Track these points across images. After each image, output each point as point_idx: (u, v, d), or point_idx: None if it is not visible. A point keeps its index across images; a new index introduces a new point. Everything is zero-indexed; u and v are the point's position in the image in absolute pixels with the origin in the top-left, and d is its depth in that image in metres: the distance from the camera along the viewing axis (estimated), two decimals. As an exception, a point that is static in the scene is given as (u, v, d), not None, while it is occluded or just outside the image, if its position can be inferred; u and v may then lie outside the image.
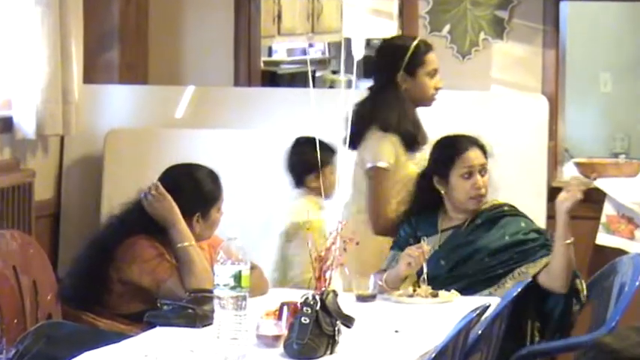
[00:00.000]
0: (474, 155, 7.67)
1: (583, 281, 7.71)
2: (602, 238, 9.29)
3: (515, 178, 8.42)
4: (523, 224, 7.66)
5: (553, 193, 9.17)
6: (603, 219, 9.43)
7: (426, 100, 8.14)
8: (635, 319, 5.29)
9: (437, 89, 8.15)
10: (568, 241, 7.31)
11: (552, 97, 9.37)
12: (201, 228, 7.25)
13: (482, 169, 7.67)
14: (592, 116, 11.24)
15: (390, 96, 8.28)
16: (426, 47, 8.35)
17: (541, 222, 8.67)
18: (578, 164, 9.81)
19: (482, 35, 9.72)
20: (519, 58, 9.26)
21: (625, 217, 9.28)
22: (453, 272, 7.55)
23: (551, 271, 7.45)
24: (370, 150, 8.06)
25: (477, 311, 6.51)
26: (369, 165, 8.07)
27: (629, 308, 7.44)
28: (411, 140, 8.07)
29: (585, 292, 7.69)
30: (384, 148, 7.98)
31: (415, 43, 8.38)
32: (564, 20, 9.87)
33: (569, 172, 9.83)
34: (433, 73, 8.14)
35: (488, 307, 6.74)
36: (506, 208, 7.73)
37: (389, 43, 8.62)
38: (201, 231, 7.26)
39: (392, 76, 8.17)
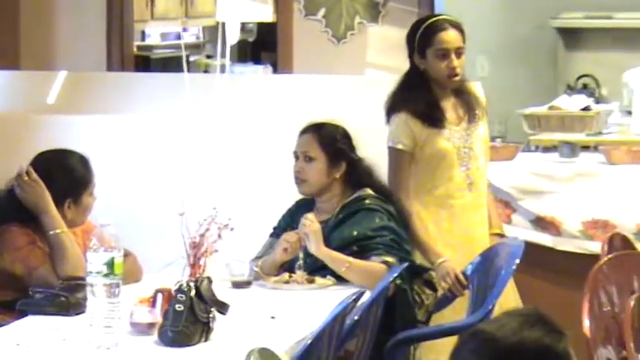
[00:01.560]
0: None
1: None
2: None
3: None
4: (377, 220, 7.60)
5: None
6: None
7: (442, 81, 8.08)
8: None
9: (452, 69, 8.05)
10: (343, 269, 7.31)
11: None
12: (74, 214, 7.22)
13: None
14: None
15: (408, 78, 8.28)
16: (436, 27, 8.18)
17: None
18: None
19: (357, 19, 9.74)
20: (395, 41, 9.29)
21: (502, 201, 9.34)
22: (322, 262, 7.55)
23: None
24: (388, 132, 8.07)
25: (353, 297, 6.55)
26: (387, 145, 8.08)
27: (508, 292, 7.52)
28: (426, 117, 8.03)
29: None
30: (397, 129, 7.96)
31: (428, 22, 8.28)
32: (440, 3, 9.92)
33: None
34: (443, 54, 8.05)
35: (363, 293, 6.79)
36: (367, 201, 7.66)
37: (413, 24, 8.57)
38: (74, 217, 7.22)
39: (411, 58, 8.16)
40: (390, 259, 7.35)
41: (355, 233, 7.50)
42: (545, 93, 10.71)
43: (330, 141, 7.69)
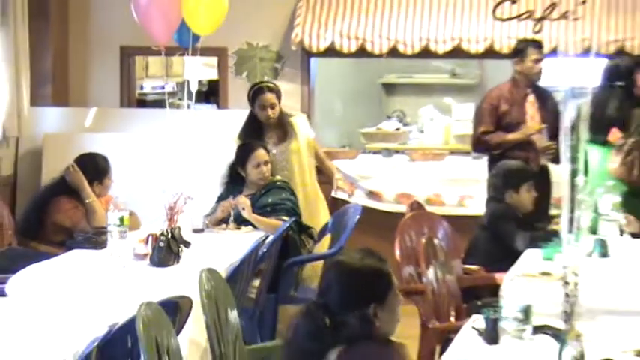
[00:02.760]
0: (261, 154, 7.60)
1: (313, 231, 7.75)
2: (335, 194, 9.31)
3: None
4: (283, 195, 7.54)
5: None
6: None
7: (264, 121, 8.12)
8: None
9: (268, 117, 8.01)
10: (259, 223, 7.31)
11: (307, 114, 9.39)
12: (99, 190, 7.24)
13: (266, 162, 7.58)
14: (333, 125, 11.29)
15: (249, 118, 8.18)
16: (259, 89, 8.09)
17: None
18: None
19: (265, 77, 9.67)
20: (287, 90, 9.20)
21: (349, 182, 9.30)
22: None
23: None
24: None
25: (263, 238, 6.58)
26: None
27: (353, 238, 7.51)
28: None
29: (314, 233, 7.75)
30: None
31: (255, 87, 8.18)
32: (314, 69, 9.91)
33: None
34: (263, 106, 8.03)
35: (269, 236, 6.81)
36: (278, 183, 7.64)
37: (250, 87, 8.37)
38: (100, 192, 7.24)
39: (251, 107, 8.17)
40: (286, 218, 7.32)
41: (269, 201, 7.48)
42: (375, 120, 10.70)
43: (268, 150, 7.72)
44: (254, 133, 7.99)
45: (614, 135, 7.50)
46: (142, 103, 11.24)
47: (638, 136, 7.44)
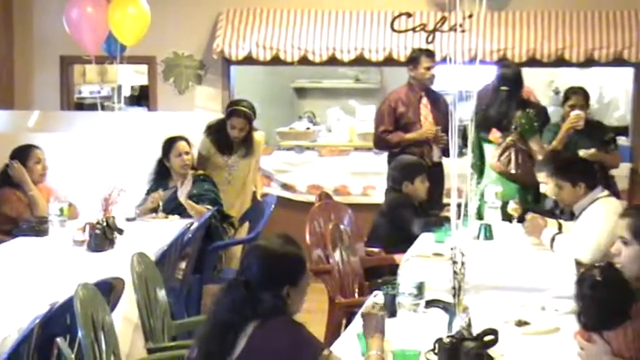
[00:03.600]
0: (182, 144, 7.55)
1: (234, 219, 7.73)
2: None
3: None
4: (206, 186, 7.50)
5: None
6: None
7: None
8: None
9: (235, 137, 7.94)
10: (189, 210, 7.30)
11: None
12: (36, 180, 7.08)
13: (187, 153, 7.53)
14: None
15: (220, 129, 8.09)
16: (234, 111, 7.95)
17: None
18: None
19: (190, 83, 9.66)
20: (209, 95, 9.19)
21: (267, 175, 9.30)
22: (179, 208, 7.46)
23: None
24: None
25: (188, 225, 6.55)
26: None
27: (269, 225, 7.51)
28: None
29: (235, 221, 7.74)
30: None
31: (231, 108, 8.03)
32: (233, 75, 9.88)
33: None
34: (233, 127, 7.94)
35: (194, 222, 6.78)
36: (201, 176, 7.59)
37: (228, 104, 8.39)
38: (36, 182, 7.08)
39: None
40: (209, 206, 7.30)
41: (194, 192, 7.42)
42: (288, 120, 10.69)
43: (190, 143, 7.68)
44: (224, 139, 7.94)
45: (494, 134, 7.60)
46: (80, 106, 11.09)
47: (516, 136, 7.54)
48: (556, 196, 6.24)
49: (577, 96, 8.11)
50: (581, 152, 7.45)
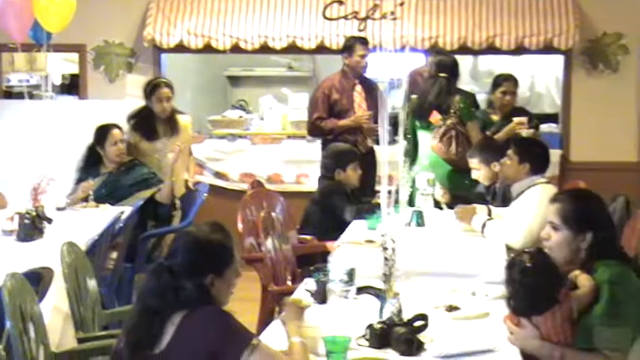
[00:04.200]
0: (117, 133, 7.51)
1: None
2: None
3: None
4: (145, 170, 7.52)
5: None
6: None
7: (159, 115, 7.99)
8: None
9: (164, 110, 7.93)
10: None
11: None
12: None
13: (122, 141, 7.50)
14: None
15: (143, 110, 8.04)
16: (157, 84, 7.98)
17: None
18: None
19: (120, 71, 9.58)
20: (140, 82, 9.04)
21: (199, 164, 9.27)
22: (113, 195, 7.43)
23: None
24: None
25: (119, 214, 6.51)
26: None
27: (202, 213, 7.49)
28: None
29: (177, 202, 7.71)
30: None
31: (153, 82, 8.06)
32: (165, 64, 9.82)
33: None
34: (160, 99, 7.94)
35: (124, 211, 6.74)
36: (135, 161, 7.57)
37: (147, 81, 8.26)
38: None
39: (146, 100, 8.05)
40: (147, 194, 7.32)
41: (140, 177, 7.40)
42: (221, 109, 10.65)
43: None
44: (146, 125, 7.90)
45: (435, 117, 7.67)
46: (9, 95, 10.95)
47: (456, 119, 7.61)
48: (501, 171, 6.30)
49: (508, 82, 8.24)
50: (524, 133, 7.61)
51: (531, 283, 3.76)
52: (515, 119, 7.94)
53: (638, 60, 9.32)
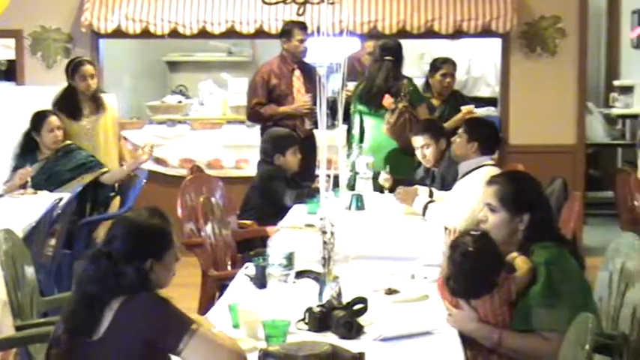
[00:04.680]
0: (54, 119, 7.43)
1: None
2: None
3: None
4: (84, 154, 7.46)
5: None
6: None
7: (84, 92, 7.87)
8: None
9: (88, 86, 7.79)
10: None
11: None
12: None
13: (59, 128, 7.42)
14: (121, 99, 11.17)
15: (68, 89, 7.91)
16: (79, 62, 7.88)
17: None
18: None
19: (58, 57, 9.48)
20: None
21: (135, 146, 9.24)
22: (51, 181, 7.34)
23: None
24: None
25: (57, 200, 6.45)
26: None
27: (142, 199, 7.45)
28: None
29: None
30: None
31: (75, 60, 7.99)
32: (103, 49, 9.71)
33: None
34: (84, 77, 7.81)
35: (62, 198, 6.68)
36: (72, 145, 7.51)
37: (69, 60, 8.21)
38: None
39: (69, 79, 7.93)
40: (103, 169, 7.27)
41: (80, 161, 7.34)
42: (160, 94, 10.62)
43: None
44: (70, 104, 7.81)
45: (387, 100, 7.69)
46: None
47: (407, 102, 7.65)
48: (455, 149, 6.33)
49: (447, 65, 8.30)
50: (464, 108, 7.75)
51: (472, 267, 3.79)
52: (464, 108, 8.02)
53: (575, 43, 9.40)
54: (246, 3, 9.32)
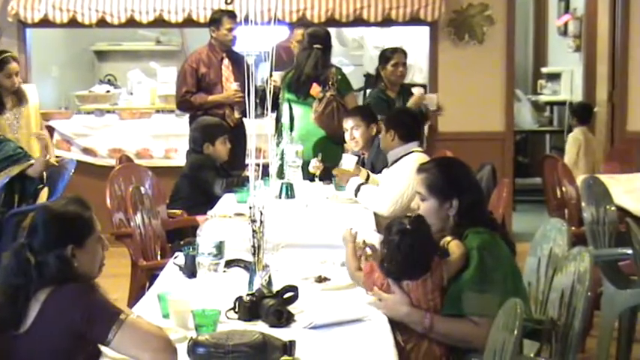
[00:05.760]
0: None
1: None
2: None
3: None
4: (12, 145, 7.19)
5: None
6: (54, 142, 9.27)
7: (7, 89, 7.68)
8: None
9: (13, 84, 7.53)
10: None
11: (24, 79, 9.19)
12: None
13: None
14: (49, 89, 11.03)
15: None
16: (6, 60, 7.56)
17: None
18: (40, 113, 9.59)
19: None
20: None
21: (65, 140, 9.15)
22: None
23: None
24: None
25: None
26: None
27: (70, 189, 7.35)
28: None
29: None
30: None
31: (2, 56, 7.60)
32: (30, 38, 9.56)
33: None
34: (9, 75, 7.53)
35: None
36: (0, 137, 7.36)
37: None
38: None
39: None
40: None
41: (9, 153, 7.14)
42: (88, 84, 10.54)
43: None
44: None
45: (315, 89, 7.68)
46: None
47: (335, 91, 7.64)
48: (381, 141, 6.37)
49: (398, 54, 8.25)
50: (415, 90, 8.08)
51: (410, 245, 3.79)
52: (415, 91, 8.03)
53: (503, 31, 9.47)
54: (175, -8, 9.26)
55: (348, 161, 6.62)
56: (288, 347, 3.21)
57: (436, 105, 8.25)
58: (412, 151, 6.06)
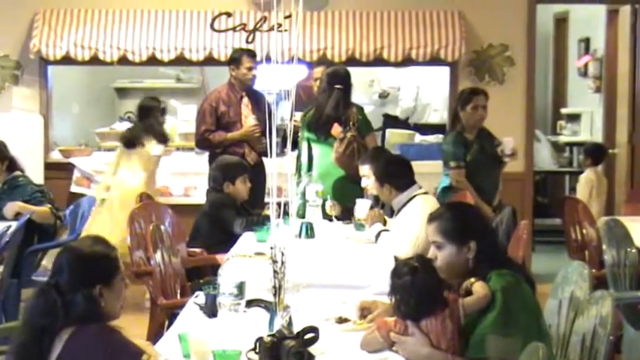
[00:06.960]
0: None
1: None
2: (74, 189, 9.23)
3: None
4: (29, 188, 7.31)
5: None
6: (74, 179, 9.32)
7: None
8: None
9: None
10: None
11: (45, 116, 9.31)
12: None
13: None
14: (70, 125, 11.10)
15: None
16: None
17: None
18: (60, 150, 9.63)
19: (7, 83, 9.45)
20: (27, 95, 9.00)
21: (86, 177, 9.20)
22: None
23: None
24: None
25: (4, 229, 6.37)
26: None
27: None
28: None
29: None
30: None
31: None
32: (51, 75, 9.63)
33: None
34: None
35: (11, 226, 6.60)
36: (21, 180, 7.34)
37: None
38: None
39: None
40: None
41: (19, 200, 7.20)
42: (109, 121, 10.64)
43: None
44: None
45: (336, 129, 7.65)
46: None
47: (355, 131, 7.63)
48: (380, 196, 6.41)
49: (479, 96, 7.91)
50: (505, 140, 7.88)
51: (422, 281, 3.77)
52: (505, 142, 7.93)
53: (523, 71, 9.50)
54: (196, 30, 9.35)
55: (361, 206, 6.64)
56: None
57: (511, 149, 8.00)
58: (415, 195, 6.08)
